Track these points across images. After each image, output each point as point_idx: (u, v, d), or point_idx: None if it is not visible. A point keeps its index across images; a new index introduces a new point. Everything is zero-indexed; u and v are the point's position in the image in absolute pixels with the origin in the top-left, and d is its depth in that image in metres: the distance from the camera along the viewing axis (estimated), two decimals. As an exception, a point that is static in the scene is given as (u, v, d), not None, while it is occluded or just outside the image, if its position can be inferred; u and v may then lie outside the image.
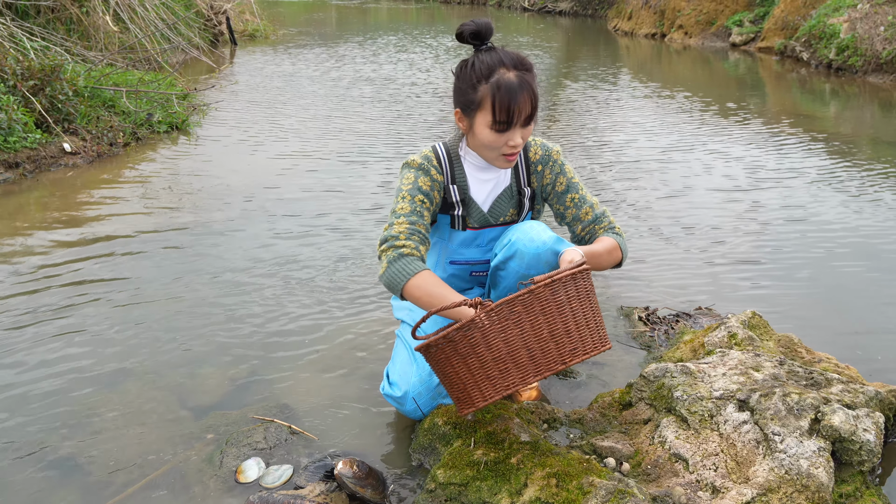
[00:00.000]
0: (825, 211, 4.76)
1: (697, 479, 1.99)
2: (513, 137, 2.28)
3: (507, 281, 2.37)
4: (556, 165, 2.50)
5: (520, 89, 2.21)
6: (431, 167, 2.42)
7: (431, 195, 2.40)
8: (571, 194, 2.50)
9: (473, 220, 2.50)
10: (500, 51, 2.28)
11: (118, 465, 2.32)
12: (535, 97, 2.25)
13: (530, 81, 2.24)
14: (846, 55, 10.37)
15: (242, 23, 14.45)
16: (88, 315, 3.30)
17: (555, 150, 2.52)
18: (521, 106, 2.22)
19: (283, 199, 4.93)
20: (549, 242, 2.28)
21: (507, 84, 2.20)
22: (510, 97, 2.20)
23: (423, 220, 2.34)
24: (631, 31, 16.40)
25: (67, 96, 5.85)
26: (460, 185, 2.46)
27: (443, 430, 2.28)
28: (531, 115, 2.26)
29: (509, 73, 2.23)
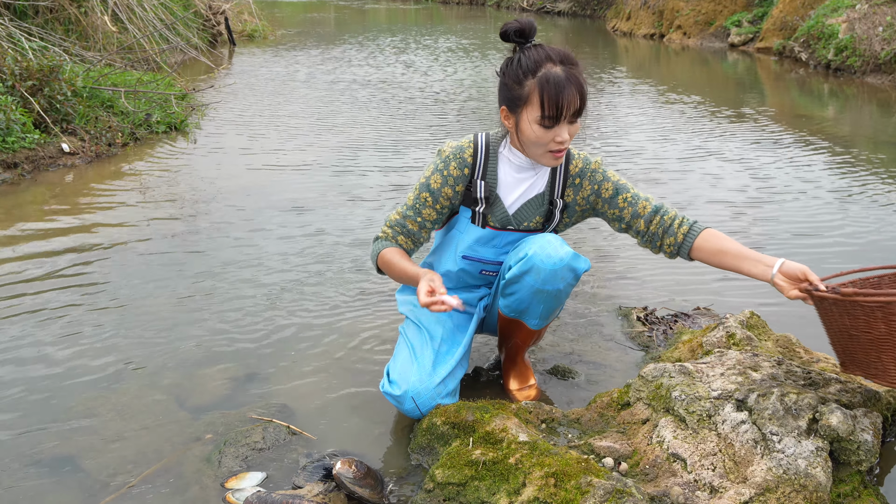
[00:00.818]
0: (824, 211, 4.76)
1: (695, 478, 1.99)
2: (560, 133, 2.27)
3: (520, 294, 2.38)
4: (597, 174, 2.49)
5: (567, 83, 2.21)
6: (454, 161, 2.44)
7: (439, 193, 2.45)
8: (623, 194, 2.49)
9: (495, 219, 2.48)
10: (545, 47, 2.28)
11: (116, 465, 2.32)
12: (583, 91, 2.25)
13: (577, 76, 2.24)
14: (845, 56, 10.38)
15: (241, 23, 14.45)
16: (86, 315, 3.30)
17: (594, 161, 2.50)
18: (570, 100, 2.21)
19: (282, 199, 4.93)
20: (566, 259, 2.30)
21: (555, 78, 2.21)
22: (558, 91, 2.20)
23: (417, 217, 2.48)
24: (629, 31, 16.41)
25: (66, 96, 5.85)
26: (489, 183, 2.45)
27: (441, 430, 2.28)
28: (580, 109, 2.26)
29: (556, 67, 2.23)
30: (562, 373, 2.86)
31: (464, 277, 2.61)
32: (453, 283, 2.63)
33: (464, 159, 2.44)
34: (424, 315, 2.58)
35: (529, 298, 2.38)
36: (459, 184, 2.45)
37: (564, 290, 2.37)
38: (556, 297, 2.38)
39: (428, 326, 2.53)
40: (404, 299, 2.72)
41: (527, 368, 2.75)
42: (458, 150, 2.46)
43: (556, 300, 2.40)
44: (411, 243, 2.52)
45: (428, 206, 2.47)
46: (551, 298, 2.38)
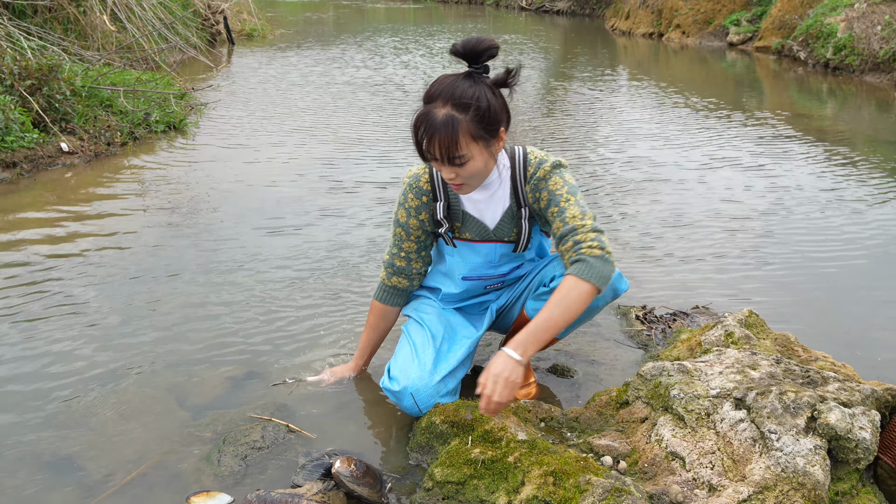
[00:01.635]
0: (822, 210, 4.77)
1: (694, 477, 1.99)
2: (441, 170, 2.19)
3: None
4: (541, 182, 2.30)
5: (436, 129, 2.07)
6: (412, 192, 2.42)
7: (408, 225, 2.47)
8: (552, 209, 2.27)
9: (473, 233, 2.45)
10: (457, 81, 2.12)
11: (115, 464, 2.32)
12: (452, 143, 2.08)
13: (457, 125, 2.07)
14: (843, 54, 10.39)
15: (240, 22, 14.44)
16: (85, 314, 3.30)
17: (545, 166, 2.31)
18: (433, 146, 2.10)
19: (280, 199, 4.93)
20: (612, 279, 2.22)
21: (426, 119, 2.09)
22: (423, 133, 2.10)
23: (401, 252, 2.54)
24: (628, 30, 16.41)
25: (65, 96, 5.84)
26: (452, 201, 2.41)
27: (440, 429, 2.28)
28: (450, 158, 2.11)
29: (442, 109, 2.09)
30: (561, 371, 2.87)
31: (466, 294, 2.63)
32: (457, 299, 2.64)
33: (420, 188, 2.41)
34: (428, 314, 2.58)
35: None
36: (422, 212, 2.43)
37: (601, 307, 2.41)
38: (591, 313, 2.41)
39: (431, 325, 2.54)
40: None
41: (526, 367, 2.75)
42: (413, 180, 2.42)
43: (590, 316, 2.44)
44: (405, 280, 2.59)
45: (405, 241, 2.51)
46: (587, 314, 2.39)
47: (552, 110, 8.15)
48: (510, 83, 2.19)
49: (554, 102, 8.61)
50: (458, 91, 2.10)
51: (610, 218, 4.63)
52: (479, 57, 2.14)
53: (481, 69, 2.17)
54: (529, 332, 2.05)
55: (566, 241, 2.19)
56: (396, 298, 2.63)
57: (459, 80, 2.12)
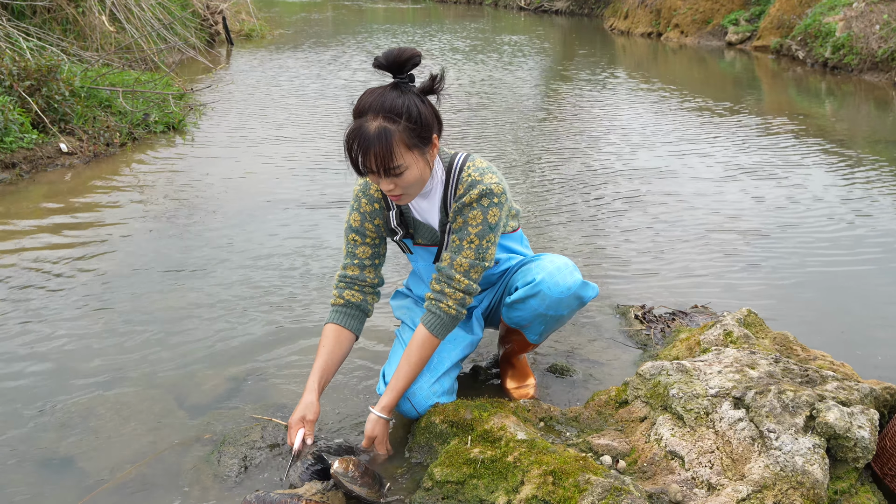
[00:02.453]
0: (822, 209, 4.77)
1: (693, 476, 2.00)
2: (379, 182, 2.16)
3: (523, 313, 2.42)
4: (465, 208, 2.25)
5: (370, 143, 2.06)
6: (364, 197, 2.40)
7: (363, 229, 2.42)
8: (454, 237, 2.29)
9: (425, 238, 2.44)
10: (386, 93, 2.10)
11: (115, 464, 2.32)
12: (387, 154, 2.06)
13: (391, 136, 2.06)
14: (842, 54, 10.39)
15: (239, 23, 14.44)
16: (84, 314, 3.30)
17: (472, 193, 2.23)
18: (368, 159, 2.08)
19: (279, 199, 4.93)
20: (574, 287, 2.33)
21: (358, 133, 2.07)
22: (356, 147, 2.07)
23: (354, 260, 2.44)
24: (627, 30, 16.41)
25: (64, 96, 5.85)
26: (403, 210, 2.40)
27: (440, 429, 2.28)
28: (387, 169, 2.09)
29: (374, 121, 2.07)
30: (560, 371, 2.87)
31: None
32: None
33: (371, 195, 2.40)
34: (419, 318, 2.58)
35: (531, 318, 2.43)
36: (376, 217, 2.41)
37: (568, 315, 2.44)
38: (557, 321, 2.45)
39: None
40: (398, 304, 2.73)
41: (525, 367, 2.75)
42: (364, 187, 2.41)
43: (558, 322, 2.47)
44: (358, 294, 2.43)
45: (360, 245, 2.43)
46: (553, 321, 2.44)
47: (551, 111, 8.15)
48: (437, 89, 2.18)
49: (552, 103, 8.61)
50: (387, 102, 2.09)
51: (608, 217, 4.64)
52: (403, 67, 2.13)
53: (406, 79, 2.16)
54: (392, 389, 2.32)
55: (439, 280, 2.30)
56: (350, 320, 2.43)
57: (387, 92, 2.11)
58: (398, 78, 2.15)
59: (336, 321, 2.42)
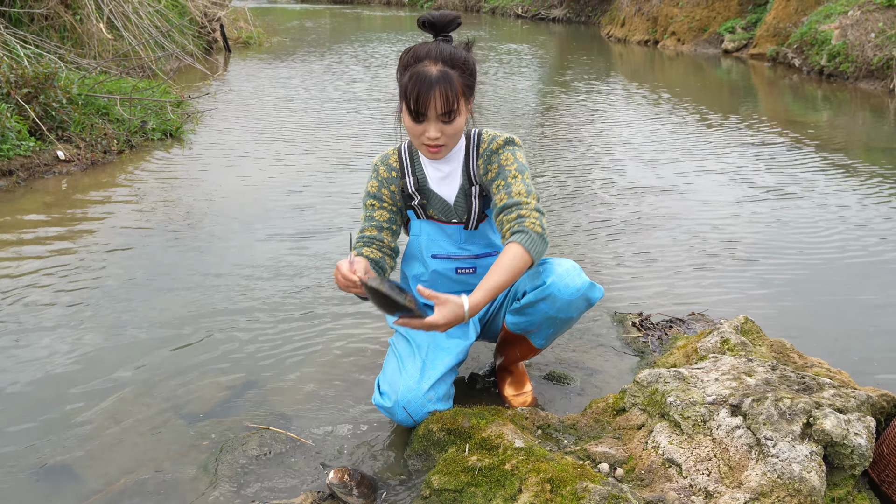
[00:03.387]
0: (818, 217, 4.78)
1: (690, 483, 2.00)
2: (427, 129, 2.26)
3: (533, 317, 2.43)
4: (494, 155, 2.40)
5: (435, 83, 2.18)
6: (382, 166, 2.52)
7: (380, 194, 2.51)
8: (498, 181, 2.37)
9: (437, 211, 2.52)
10: (441, 44, 2.26)
11: (112, 473, 2.32)
12: (451, 94, 2.19)
13: (452, 78, 2.20)
14: (837, 61, 10.43)
15: (236, 30, 14.47)
16: (82, 322, 3.30)
17: (496, 141, 2.41)
18: (431, 100, 2.19)
19: (278, 207, 4.94)
20: (583, 289, 2.35)
21: (421, 76, 2.18)
22: (419, 89, 2.18)
23: (372, 222, 2.50)
24: (624, 37, 16.46)
25: (61, 104, 5.85)
26: (419, 177, 2.50)
27: (437, 437, 2.28)
28: (448, 112, 2.22)
29: (433, 66, 2.20)
30: (557, 378, 2.87)
31: (438, 282, 2.61)
32: (428, 286, 2.64)
33: (389, 164, 2.52)
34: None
35: (540, 322, 2.44)
36: (392, 184, 2.51)
37: (576, 317, 2.44)
38: (566, 323, 2.46)
39: (415, 337, 2.53)
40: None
41: (522, 374, 2.76)
42: (383, 158, 2.54)
43: (567, 325, 2.48)
44: (376, 250, 2.47)
45: (377, 209, 2.51)
46: (562, 324, 2.45)
47: (548, 120, 8.17)
48: (470, 51, 2.34)
49: (549, 110, 8.63)
50: (445, 51, 2.24)
51: (606, 224, 4.64)
52: (448, 27, 2.33)
53: (449, 38, 2.34)
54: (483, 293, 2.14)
55: (510, 211, 2.28)
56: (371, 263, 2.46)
57: (441, 44, 2.27)
58: (442, 36, 2.32)
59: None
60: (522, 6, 23.41)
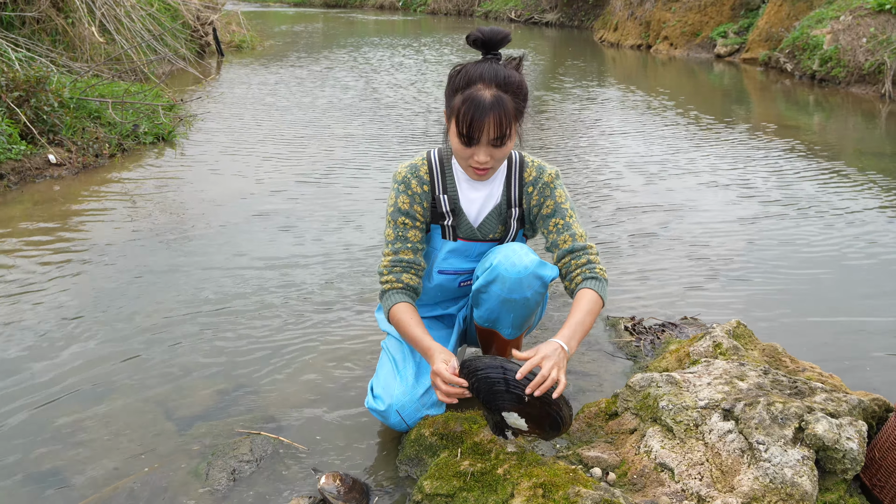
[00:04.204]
0: (811, 222, 4.79)
1: (683, 488, 1.99)
2: (477, 153, 2.23)
3: (489, 303, 2.37)
4: (547, 188, 2.42)
5: (489, 109, 2.15)
6: (414, 179, 2.42)
7: (413, 212, 2.42)
8: (556, 219, 2.41)
9: (462, 231, 2.47)
10: (493, 65, 2.22)
11: (103, 478, 2.31)
12: (502, 120, 2.17)
13: (505, 103, 2.17)
14: (829, 66, 10.47)
15: (229, 34, 14.46)
16: (73, 326, 3.28)
17: (548, 173, 2.43)
18: (485, 126, 2.17)
19: (269, 211, 4.92)
20: (531, 267, 2.28)
21: (476, 101, 2.16)
22: (474, 115, 2.15)
23: (407, 244, 2.42)
24: (617, 42, 16.51)
25: (53, 108, 5.83)
26: (451, 196, 2.44)
27: (430, 442, 2.27)
28: (500, 137, 2.20)
29: (487, 90, 2.17)
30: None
31: (440, 293, 2.61)
32: (429, 299, 2.63)
33: (421, 177, 2.43)
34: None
35: (499, 308, 2.36)
36: (425, 201, 2.44)
37: (533, 297, 2.34)
38: (524, 306, 2.36)
39: None
40: (384, 318, 2.71)
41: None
42: (413, 169, 2.45)
43: (526, 308, 2.37)
44: (415, 276, 2.44)
45: (410, 229, 2.43)
46: (520, 307, 2.36)
47: (540, 122, 8.18)
48: (520, 70, 2.30)
49: (542, 114, 8.64)
50: (499, 74, 2.20)
51: (598, 229, 4.65)
52: (499, 44, 2.26)
53: (499, 56, 2.28)
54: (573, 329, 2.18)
55: (579, 256, 2.37)
56: (413, 296, 2.44)
57: (493, 64, 2.23)
58: (492, 54, 2.26)
59: (405, 301, 2.40)
60: (516, 10, 23.46)
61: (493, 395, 2.10)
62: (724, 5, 14.31)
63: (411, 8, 29.24)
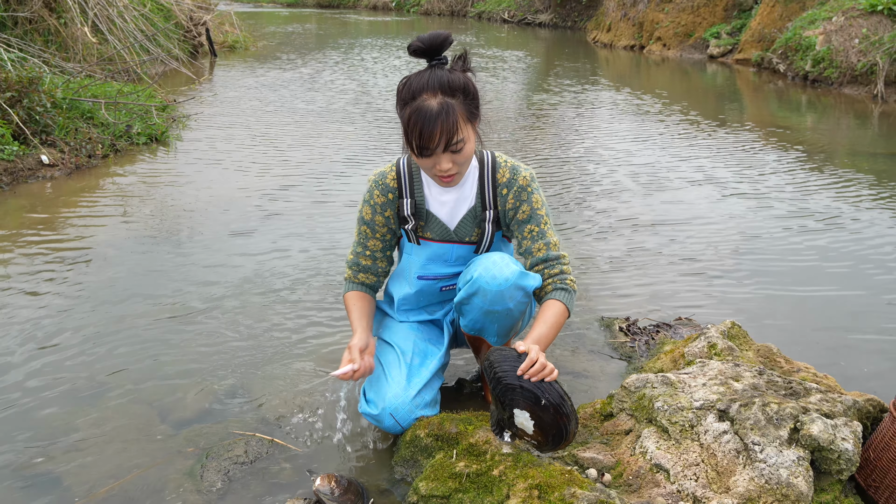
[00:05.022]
0: (804, 222, 4.81)
1: (678, 489, 2.00)
2: (439, 162, 2.22)
3: (472, 315, 2.37)
4: (523, 192, 2.40)
5: (436, 117, 2.13)
6: (377, 189, 2.47)
7: (373, 222, 2.51)
8: (531, 226, 2.41)
9: (434, 233, 2.48)
10: (437, 71, 2.19)
11: (97, 480, 2.30)
12: (454, 126, 2.15)
13: (452, 108, 2.15)
14: (822, 67, 10.50)
15: (222, 34, 14.43)
16: (66, 328, 3.27)
17: (522, 176, 2.41)
18: (435, 135, 2.14)
19: (262, 212, 4.92)
20: (511, 278, 2.26)
21: (421, 111, 2.13)
22: (422, 126, 2.13)
23: (366, 251, 2.55)
24: (610, 42, 16.53)
25: (45, 108, 5.81)
26: (417, 200, 2.45)
27: (425, 443, 2.27)
28: (453, 142, 2.17)
29: (433, 98, 2.15)
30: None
31: (423, 298, 2.60)
32: (412, 304, 2.63)
33: (386, 185, 2.46)
34: (395, 333, 2.57)
35: (482, 319, 2.36)
36: (388, 209, 2.47)
37: (516, 308, 2.34)
38: (507, 316, 2.35)
39: (399, 344, 2.52)
40: (377, 322, 2.70)
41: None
42: (380, 177, 2.48)
43: (509, 318, 2.37)
44: (372, 276, 2.59)
45: (370, 238, 2.53)
46: (503, 317, 2.35)
47: (533, 123, 8.18)
48: (468, 68, 2.28)
49: (534, 115, 8.64)
50: (442, 79, 2.18)
51: (592, 230, 4.65)
52: (440, 49, 2.23)
53: (443, 60, 2.26)
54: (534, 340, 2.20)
55: (552, 266, 2.39)
56: (368, 290, 2.60)
57: (435, 71, 2.20)
58: (436, 60, 2.25)
59: (356, 289, 2.58)
60: (509, 11, 23.46)
61: (507, 389, 2.09)
62: (716, 6, 14.34)
63: (405, 9, 29.23)
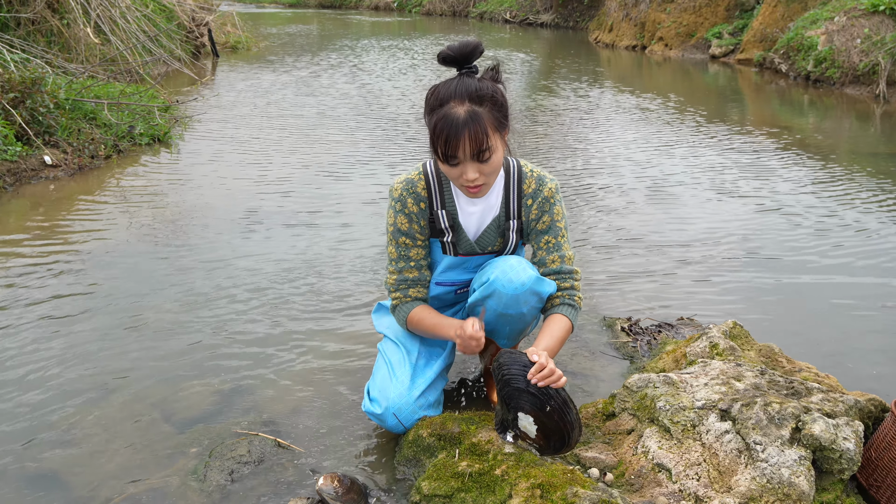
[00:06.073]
0: (806, 222, 4.81)
1: (680, 488, 2.00)
2: (465, 172, 2.19)
3: (485, 316, 2.37)
4: (547, 203, 2.39)
5: (463, 126, 2.10)
6: (410, 197, 2.40)
7: (412, 231, 2.42)
8: (548, 237, 2.40)
9: (461, 247, 2.45)
10: (465, 80, 2.17)
11: (101, 480, 2.30)
12: (481, 134, 2.12)
13: (481, 117, 2.12)
14: (824, 67, 10.50)
15: (224, 35, 14.44)
16: (69, 329, 3.27)
17: (548, 187, 2.39)
18: (461, 143, 2.12)
19: (265, 213, 4.92)
20: (528, 283, 2.27)
21: (449, 119, 2.11)
22: (448, 133, 2.11)
23: (410, 262, 2.45)
24: (612, 43, 16.53)
25: (48, 109, 5.82)
26: (450, 211, 2.41)
27: (427, 442, 2.28)
28: (480, 151, 2.14)
29: (460, 107, 2.13)
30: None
31: (436, 302, 2.60)
32: None
33: (418, 193, 2.40)
34: (401, 332, 2.58)
35: (495, 321, 2.36)
36: (422, 218, 2.42)
37: (529, 312, 2.35)
38: (520, 320, 2.36)
39: (405, 342, 2.52)
40: (381, 319, 2.71)
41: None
42: (409, 185, 2.41)
43: (522, 322, 2.38)
44: (422, 289, 2.48)
45: (412, 248, 2.44)
46: (516, 321, 2.36)
47: (534, 123, 8.18)
48: (499, 79, 2.26)
49: (536, 116, 8.65)
50: (470, 87, 2.15)
51: (594, 230, 4.65)
52: (470, 57, 2.22)
53: (473, 69, 2.24)
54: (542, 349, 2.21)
55: (564, 279, 2.40)
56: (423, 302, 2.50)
57: (465, 79, 2.18)
58: (466, 69, 2.23)
59: (418, 305, 2.47)
60: (510, 11, 23.46)
61: (514, 392, 2.09)
62: (718, 6, 14.34)
63: (406, 9, 29.24)
